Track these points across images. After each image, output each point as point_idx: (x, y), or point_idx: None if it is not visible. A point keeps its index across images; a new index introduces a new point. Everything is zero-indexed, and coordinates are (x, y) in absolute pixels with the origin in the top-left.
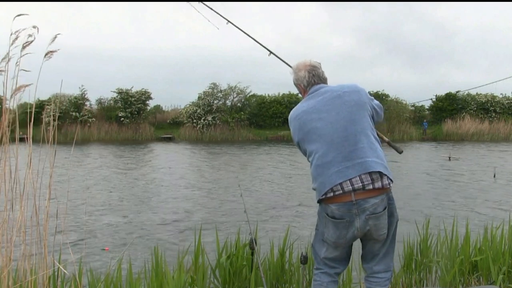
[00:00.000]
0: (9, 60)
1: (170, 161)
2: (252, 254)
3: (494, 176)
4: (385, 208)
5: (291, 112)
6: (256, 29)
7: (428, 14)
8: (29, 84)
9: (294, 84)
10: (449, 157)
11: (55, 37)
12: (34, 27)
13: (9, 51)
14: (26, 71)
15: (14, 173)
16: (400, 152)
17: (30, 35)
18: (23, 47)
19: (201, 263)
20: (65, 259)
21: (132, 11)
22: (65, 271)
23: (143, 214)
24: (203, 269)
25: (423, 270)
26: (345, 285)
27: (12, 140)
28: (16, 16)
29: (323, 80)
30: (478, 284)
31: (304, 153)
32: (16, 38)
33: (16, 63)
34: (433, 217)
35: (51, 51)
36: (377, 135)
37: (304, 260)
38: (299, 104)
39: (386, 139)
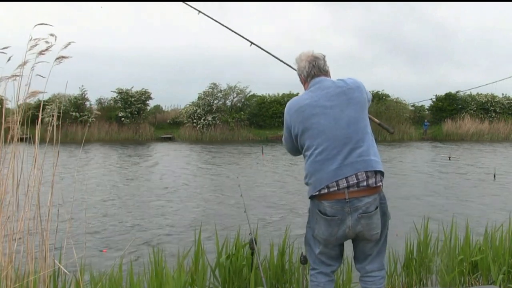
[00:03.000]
0: (24, 64)
1: (170, 161)
2: (252, 254)
3: (494, 176)
4: (377, 208)
5: (293, 103)
6: (255, 29)
7: (428, 14)
8: (44, 92)
9: (297, 73)
10: (449, 157)
11: (69, 43)
12: (51, 35)
13: (25, 56)
14: (42, 77)
15: (13, 172)
16: (392, 133)
17: (47, 42)
18: (41, 54)
19: (201, 263)
20: (65, 259)
21: (132, 11)
22: (65, 271)
23: (143, 214)
24: (203, 269)
25: (423, 270)
26: (345, 285)
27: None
28: (38, 24)
29: (324, 73)
30: (478, 284)
31: (301, 147)
32: (35, 45)
33: (32, 68)
34: (433, 217)
35: (62, 56)
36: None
37: (304, 260)
38: (301, 95)
39: (377, 120)
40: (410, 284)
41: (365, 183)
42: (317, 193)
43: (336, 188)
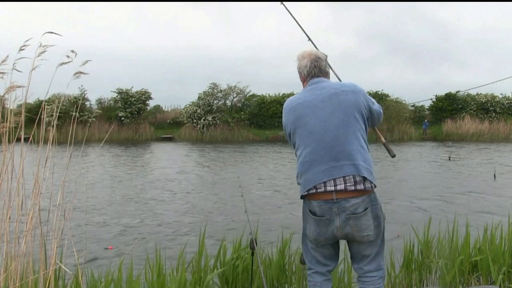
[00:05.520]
0: (33, 69)
1: (170, 161)
2: (252, 254)
3: (494, 176)
4: (366, 209)
5: (287, 102)
6: (256, 29)
7: (429, 14)
8: (22, 86)
9: (298, 71)
10: (449, 157)
11: (86, 62)
12: (72, 51)
13: (34, 61)
14: (18, 71)
15: (9, 172)
16: (393, 156)
17: (68, 56)
18: (60, 65)
19: (202, 263)
20: (66, 259)
21: (133, 11)
22: (67, 270)
23: (144, 214)
24: (204, 269)
25: (423, 270)
26: (345, 285)
27: (14, 140)
28: (46, 32)
29: (324, 74)
30: (478, 284)
31: (293, 146)
32: (43, 52)
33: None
34: (433, 217)
35: (80, 72)
36: (376, 133)
37: (304, 260)
38: (296, 95)
39: (383, 140)
40: (410, 284)
41: (353, 188)
42: (306, 193)
43: (323, 189)
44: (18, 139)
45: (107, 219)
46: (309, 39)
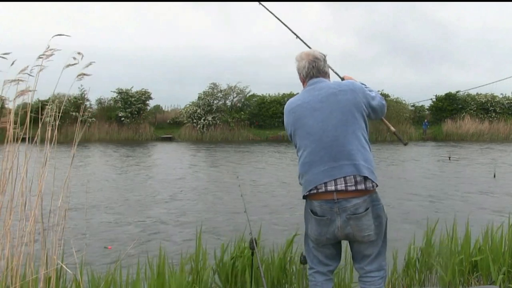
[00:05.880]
0: (40, 70)
1: (170, 161)
2: (252, 254)
3: (494, 176)
4: (367, 209)
5: (287, 104)
6: (259, 28)
7: (430, 14)
8: (34, 90)
9: (297, 72)
10: (449, 157)
11: (90, 63)
12: (79, 53)
13: (41, 63)
14: (30, 75)
15: (13, 172)
16: (405, 144)
17: (74, 58)
18: (66, 66)
19: (202, 264)
20: (66, 258)
21: (133, 11)
22: (67, 269)
23: (144, 215)
24: (204, 270)
25: (424, 270)
26: (346, 285)
27: (15, 140)
28: (56, 35)
29: (323, 74)
30: (478, 284)
31: (295, 147)
32: (51, 55)
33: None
34: (432, 217)
35: (83, 73)
36: (384, 123)
37: (304, 260)
38: (296, 96)
39: (392, 128)
40: (410, 284)
41: (353, 188)
42: (307, 193)
43: (323, 189)
44: (19, 139)
45: (105, 219)
46: (297, 36)
